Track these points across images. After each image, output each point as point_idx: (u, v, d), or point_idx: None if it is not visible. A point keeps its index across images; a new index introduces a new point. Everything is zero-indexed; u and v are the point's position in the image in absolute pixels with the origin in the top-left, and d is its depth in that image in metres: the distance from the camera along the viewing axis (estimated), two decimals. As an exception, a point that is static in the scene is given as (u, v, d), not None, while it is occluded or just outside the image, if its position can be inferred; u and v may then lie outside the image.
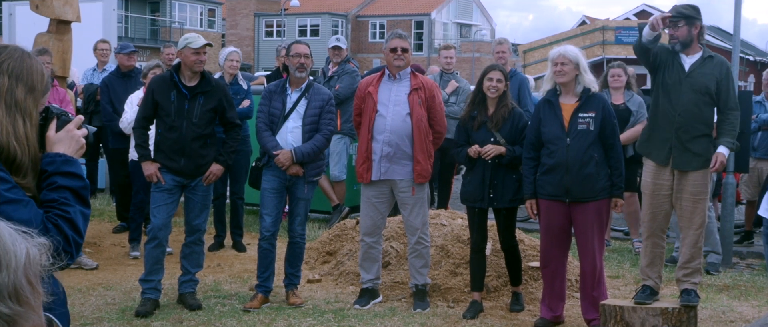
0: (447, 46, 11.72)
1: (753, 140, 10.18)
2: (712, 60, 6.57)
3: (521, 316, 7.40)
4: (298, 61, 7.52)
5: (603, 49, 33.68)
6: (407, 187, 7.46)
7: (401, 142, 7.40)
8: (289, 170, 7.45)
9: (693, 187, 6.52)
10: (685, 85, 6.57)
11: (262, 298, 7.59)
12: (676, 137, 6.60)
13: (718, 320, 7.42)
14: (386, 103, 7.45)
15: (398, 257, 8.34)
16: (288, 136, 7.51)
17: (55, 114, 2.83)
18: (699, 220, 6.55)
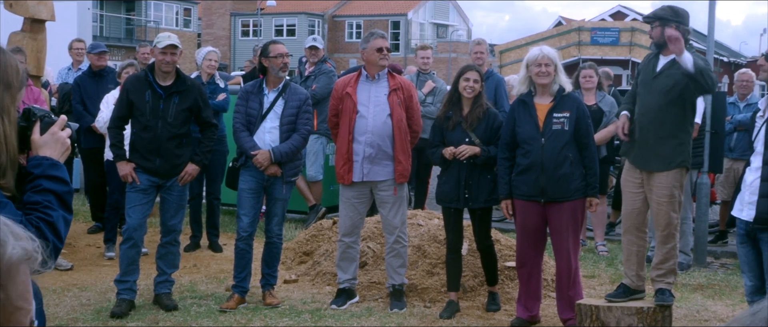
0: (424, 47, 11.74)
1: (729, 141, 10.26)
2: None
3: (497, 316, 7.42)
4: (282, 61, 7.50)
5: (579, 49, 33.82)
6: (389, 187, 7.48)
7: (382, 142, 7.41)
8: (267, 170, 7.43)
9: (658, 188, 6.51)
10: (652, 86, 6.59)
11: (238, 298, 7.57)
12: (641, 137, 6.63)
13: (692, 319, 7.47)
14: (366, 104, 7.44)
15: (375, 257, 8.34)
16: (266, 137, 7.49)
17: (37, 116, 2.81)
18: (663, 222, 6.54)
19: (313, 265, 8.73)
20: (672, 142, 6.44)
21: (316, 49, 11.14)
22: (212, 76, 10.01)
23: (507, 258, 8.17)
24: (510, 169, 6.94)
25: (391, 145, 7.43)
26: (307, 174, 10.96)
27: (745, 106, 10.59)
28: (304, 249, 9.18)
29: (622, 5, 49.15)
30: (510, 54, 34.09)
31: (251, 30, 61.56)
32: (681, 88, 6.39)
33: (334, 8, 64.23)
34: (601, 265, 9.48)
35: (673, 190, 6.48)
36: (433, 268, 8.04)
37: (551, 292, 7.75)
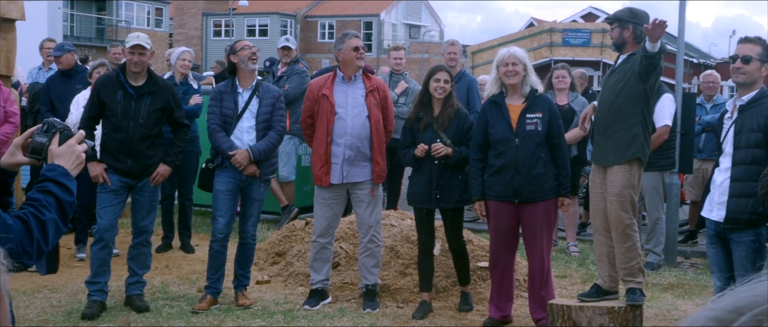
0: (396, 47, 11.75)
1: (697, 142, 10.35)
2: (634, 56, 6.54)
3: (470, 316, 7.44)
4: (250, 51, 7.52)
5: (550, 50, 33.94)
6: (366, 188, 7.50)
7: (361, 144, 7.43)
8: (246, 170, 7.42)
9: (613, 186, 6.53)
10: (606, 83, 6.67)
11: (210, 299, 7.55)
12: (597, 133, 6.70)
13: (663, 318, 7.53)
14: (344, 106, 7.44)
15: (348, 258, 8.34)
16: (244, 136, 7.48)
17: (58, 129, 2.96)
18: (615, 221, 6.55)
19: (286, 266, 8.72)
20: (625, 135, 6.46)
21: (289, 50, 11.13)
22: (186, 76, 9.97)
23: (479, 258, 8.20)
24: (482, 170, 6.97)
25: (369, 147, 7.45)
26: (280, 175, 10.94)
27: (712, 107, 10.69)
28: (277, 250, 9.17)
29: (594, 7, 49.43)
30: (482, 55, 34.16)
31: (223, 30, 61.36)
32: (627, 81, 6.45)
33: (306, 8, 64.13)
34: (573, 265, 9.54)
35: (623, 189, 6.49)
36: (405, 268, 8.06)
37: (523, 292, 7.78)
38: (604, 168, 6.61)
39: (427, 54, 55.45)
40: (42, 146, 2.94)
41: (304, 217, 10.41)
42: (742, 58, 5.73)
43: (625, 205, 6.49)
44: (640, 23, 6.57)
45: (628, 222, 6.52)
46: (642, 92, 6.48)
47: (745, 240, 5.64)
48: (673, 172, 9.73)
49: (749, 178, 5.59)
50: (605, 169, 6.59)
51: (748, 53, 5.73)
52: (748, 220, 5.61)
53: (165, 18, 56.73)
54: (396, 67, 11.34)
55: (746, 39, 5.87)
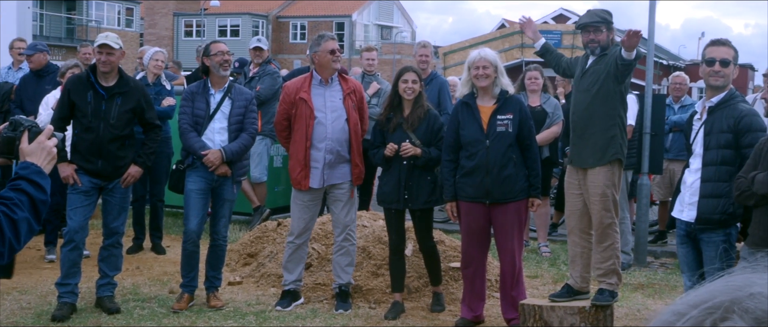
0: (369, 48, 11.76)
1: (665, 142, 10.43)
2: (605, 56, 6.59)
3: (442, 317, 7.46)
4: (222, 58, 7.48)
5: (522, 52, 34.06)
6: (345, 188, 7.51)
7: (341, 148, 7.44)
8: (217, 170, 7.40)
9: (591, 186, 6.58)
10: (580, 85, 6.70)
11: (188, 297, 7.59)
12: (574, 135, 6.73)
13: (633, 318, 7.59)
14: (323, 110, 7.43)
15: (320, 259, 8.34)
16: (215, 137, 7.47)
17: (25, 126, 2.95)
18: (597, 220, 6.61)
19: (258, 267, 8.71)
20: (603, 136, 6.51)
21: (261, 50, 11.11)
22: (158, 77, 9.93)
23: (451, 259, 8.22)
24: (454, 171, 6.99)
25: (348, 149, 7.46)
26: (252, 175, 10.92)
27: (680, 108, 10.79)
28: (249, 251, 9.15)
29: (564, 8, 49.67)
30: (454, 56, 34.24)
31: (194, 30, 61.08)
32: (602, 83, 6.49)
33: (278, 9, 63.98)
34: (544, 266, 9.59)
35: (605, 188, 6.54)
36: (378, 269, 8.07)
37: (495, 293, 7.81)
38: (583, 169, 6.64)
39: (399, 55, 55.46)
40: (11, 144, 2.91)
41: (276, 218, 10.39)
42: (721, 61, 5.78)
43: (607, 204, 6.55)
44: (611, 24, 6.66)
45: (609, 221, 6.57)
46: (618, 93, 6.54)
47: (715, 240, 5.69)
48: (643, 172, 9.80)
49: (719, 179, 5.65)
50: (584, 171, 6.62)
51: (726, 57, 5.78)
52: (718, 220, 5.66)
53: (136, 18, 56.39)
54: (368, 68, 11.34)
55: (719, 42, 5.91)
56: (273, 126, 10.36)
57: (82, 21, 51.56)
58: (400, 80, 7.32)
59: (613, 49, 6.60)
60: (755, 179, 5.19)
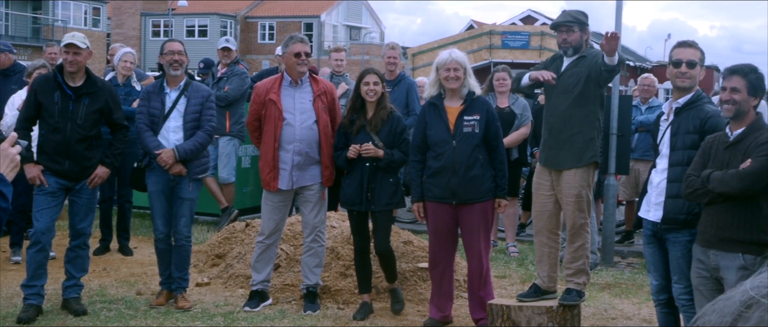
0: (337, 49, 11.78)
1: (631, 142, 10.50)
2: (584, 59, 6.62)
3: (410, 317, 7.47)
4: (172, 58, 7.47)
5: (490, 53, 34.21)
6: (315, 190, 7.51)
7: (310, 150, 7.43)
8: (172, 170, 7.38)
9: (566, 187, 6.62)
10: (557, 87, 6.71)
11: (167, 294, 7.63)
12: (550, 137, 6.76)
13: (600, 317, 7.64)
14: (292, 112, 7.42)
15: (288, 260, 8.33)
16: (170, 136, 7.46)
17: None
18: (570, 221, 6.67)
19: (226, 268, 8.68)
20: (580, 139, 6.55)
21: (229, 51, 11.08)
22: (128, 78, 9.87)
23: (420, 259, 8.24)
24: (421, 171, 7.01)
25: (318, 151, 7.45)
26: (220, 176, 10.89)
27: (647, 109, 10.89)
28: (217, 252, 9.12)
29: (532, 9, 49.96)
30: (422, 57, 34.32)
31: (162, 30, 60.75)
32: (583, 86, 6.52)
33: (246, 9, 63.79)
34: (512, 266, 9.63)
35: (581, 189, 6.59)
36: (346, 269, 8.07)
37: (463, 293, 7.83)
38: (557, 171, 6.67)
39: (367, 55, 55.47)
40: None
41: (245, 219, 10.36)
42: (688, 62, 5.83)
43: (582, 205, 6.59)
44: (586, 25, 6.68)
45: (582, 222, 6.62)
46: (598, 96, 6.57)
47: (681, 240, 5.73)
48: (610, 173, 9.87)
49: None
50: (559, 172, 6.65)
51: (693, 58, 5.84)
52: (684, 220, 5.70)
53: (103, 18, 56.00)
54: (337, 69, 11.35)
55: (685, 43, 5.97)
56: (241, 127, 10.37)
57: (48, 20, 51.14)
58: (362, 82, 7.32)
59: (591, 51, 6.64)
60: (711, 177, 5.23)
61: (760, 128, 5.27)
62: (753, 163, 5.12)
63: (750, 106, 5.33)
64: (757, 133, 5.23)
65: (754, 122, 5.30)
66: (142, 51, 58.72)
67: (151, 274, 8.66)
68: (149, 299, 7.74)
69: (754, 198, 5.17)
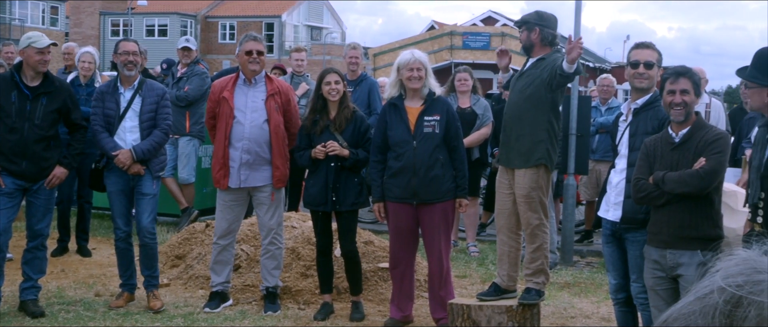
0: (298, 49, 11.76)
1: (591, 143, 10.59)
2: (543, 61, 6.63)
3: (371, 317, 7.48)
4: (126, 58, 7.42)
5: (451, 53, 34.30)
6: (267, 192, 7.46)
7: (260, 149, 7.39)
8: (130, 170, 7.33)
9: (520, 188, 6.64)
10: (515, 87, 6.75)
11: (128, 295, 7.56)
12: (504, 135, 6.80)
13: (559, 316, 7.70)
14: (243, 110, 7.39)
15: (249, 260, 8.30)
16: (127, 136, 7.40)
17: None
18: (524, 222, 6.70)
19: (186, 269, 8.63)
20: (529, 140, 6.56)
21: (189, 51, 11.02)
22: (90, 78, 9.78)
23: (380, 259, 8.25)
24: (382, 172, 7.02)
25: (269, 151, 7.42)
26: (180, 176, 10.83)
27: (606, 110, 10.98)
28: (177, 252, 9.07)
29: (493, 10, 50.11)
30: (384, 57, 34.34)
31: (121, 30, 60.20)
32: (535, 87, 6.55)
33: (207, 9, 63.44)
34: (473, 265, 9.66)
35: (531, 191, 6.59)
36: (307, 270, 8.06)
37: (424, 293, 7.85)
38: (511, 170, 6.70)
39: (328, 56, 55.40)
40: None
41: (204, 219, 10.32)
42: (645, 63, 5.90)
43: (533, 206, 6.60)
44: (547, 26, 6.68)
45: (536, 222, 6.63)
46: (549, 100, 6.57)
47: (640, 239, 5.78)
48: (569, 173, 9.94)
49: None
50: (513, 171, 6.69)
51: (650, 59, 5.90)
52: (643, 220, 5.75)
53: (61, 16, 55.41)
54: (297, 69, 11.33)
55: (643, 44, 6.03)
56: (201, 127, 10.32)
57: (5, 19, 50.48)
58: (323, 82, 7.30)
59: (553, 55, 6.66)
60: (666, 179, 5.30)
61: (703, 127, 5.40)
62: (709, 161, 5.20)
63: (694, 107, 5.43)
64: (703, 132, 5.34)
65: (697, 122, 5.40)
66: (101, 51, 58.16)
67: (110, 275, 8.60)
68: (108, 301, 7.68)
69: (707, 195, 5.28)
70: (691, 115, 5.40)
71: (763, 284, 0.94)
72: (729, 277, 0.96)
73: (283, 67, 11.82)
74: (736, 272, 0.97)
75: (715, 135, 5.31)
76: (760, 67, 5.04)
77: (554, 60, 6.50)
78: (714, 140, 5.27)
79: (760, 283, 0.94)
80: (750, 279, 0.95)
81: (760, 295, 0.93)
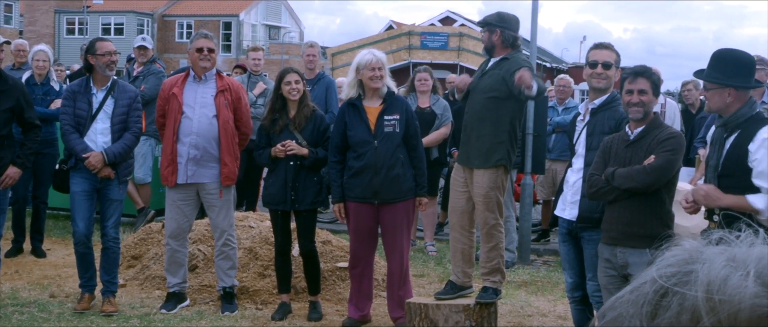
0: (255, 48, 11.71)
1: (548, 142, 10.66)
2: (506, 61, 6.67)
3: (329, 316, 7.47)
4: (109, 59, 7.31)
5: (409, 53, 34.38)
6: (214, 190, 7.40)
7: (208, 144, 7.33)
8: (100, 173, 7.23)
9: (479, 187, 6.68)
10: (477, 87, 6.79)
11: (89, 297, 7.45)
12: (464, 134, 6.83)
13: (516, 315, 7.74)
14: (192, 105, 7.35)
15: (206, 260, 8.25)
16: (98, 138, 7.29)
17: None
18: (481, 221, 6.74)
19: (142, 269, 8.57)
20: (490, 140, 6.60)
21: (145, 49, 10.94)
22: (46, 76, 9.67)
23: (339, 259, 8.24)
24: (342, 172, 7.02)
25: (217, 147, 7.37)
26: (136, 176, 10.74)
27: (563, 110, 11.06)
28: (133, 253, 9.00)
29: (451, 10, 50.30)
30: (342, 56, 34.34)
31: (77, 28, 59.55)
32: (498, 90, 6.60)
33: (163, 7, 62.94)
34: (431, 265, 9.69)
35: (489, 190, 6.64)
36: (264, 270, 8.03)
37: (382, 292, 7.86)
38: (470, 169, 6.72)
39: (286, 55, 55.23)
40: None
41: (161, 219, 10.23)
42: (604, 64, 5.95)
43: (490, 205, 6.64)
44: (508, 28, 6.72)
45: (492, 222, 6.67)
46: (512, 103, 6.62)
47: (596, 238, 5.82)
48: (526, 172, 10.00)
49: None
50: (471, 170, 6.71)
51: (608, 60, 5.96)
52: (598, 219, 5.79)
53: (15, 15, 54.72)
54: (254, 68, 11.30)
55: (601, 45, 6.10)
56: (158, 126, 10.22)
57: (-43, 17, 49.77)
58: (283, 82, 7.28)
59: (516, 56, 6.70)
60: (615, 174, 5.35)
61: (659, 126, 5.46)
62: (657, 158, 5.27)
63: (652, 107, 5.48)
64: (657, 131, 5.40)
65: (653, 121, 5.47)
66: (56, 49, 57.51)
67: (65, 276, 8.51)
68: (63, 302, 7.60)
69: (656, 193, 5.33)
70: (649, 114, 5.45)
71: (691, 276, 0.95)
72: (662, 268, 0.98)
73: (245, 67, 11.78)
74: (670, 263, 0.98)
75: (668, 134, 5.38)
76: (719, 68, 5.10)
77: (517, 62, 6.56)
78: (666, 138, 5.33)
79: (689, 274, 0.95)
80: (681, 270, 0.96)
81: (685, 286, 0.94)
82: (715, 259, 0.95)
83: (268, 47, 55.67)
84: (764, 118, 5.13)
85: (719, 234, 1.01)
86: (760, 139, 4.94)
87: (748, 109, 5.06)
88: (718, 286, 0.92)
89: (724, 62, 5.11)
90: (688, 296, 0.93)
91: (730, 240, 1.00)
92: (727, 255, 0.96)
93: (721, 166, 5.09)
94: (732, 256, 0.96)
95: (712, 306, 0.92)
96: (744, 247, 0.98)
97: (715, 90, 5.10)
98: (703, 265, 0.95)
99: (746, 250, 0.97)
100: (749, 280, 0.92)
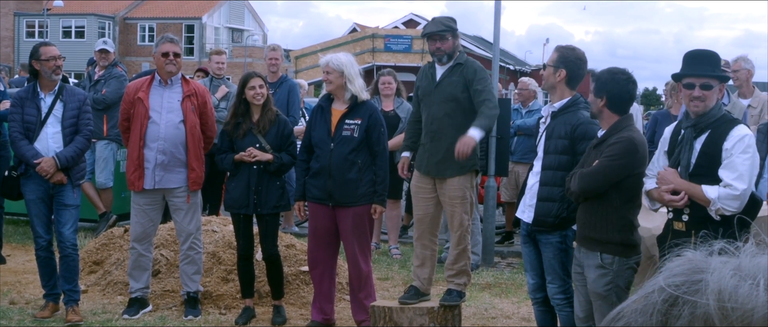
0: (218, 51, 11.66)
1: (510, 145, 10.69)
2: (461, 66, 6.71)
3: (293, 320, 7.46)
4: (55, 63, 7.22)
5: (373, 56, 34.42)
6: (182, 194, 7.36)
7: (175, 150, 7.29)
8: (53, 178, 7.14)
9: (450, 190, 6.72)
10: (435, 95, 6.78)
11: (53, 305, 7.35)
12: (431, 144, 6.82)
13: (480, 317, 7.77)
14: (159, 110, 7.30)
15: (169, 265, 8.20)
16: (49, 143, 7.19)
17: None
18: (456, 223, 6.77)
19: (104, 275, 8.49)
20: None
21: (107, 53, 10.85)
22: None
23: (302, 263, 8.22)
24: (306, 171, 7.04)
25: (185, 152, 7.33)
26: (97, 181, 10.66)
27: (527, 112, 11.11)
28: (95, 258, 8.91)
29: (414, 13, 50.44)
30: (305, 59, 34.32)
31: (37, 31, 58.91)
32: (460, 96, 6.63)
33: (125, 10, 62.47)
34: (395, 268, 9.69)
35: (465, 191, 6.69)
36: (228, 274, 7.99)
37: (347, 295, 7.85)
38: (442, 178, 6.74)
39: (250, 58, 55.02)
40: None
41: (123, 224, 10.16)
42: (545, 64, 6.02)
43: (466, 206, 6.70)
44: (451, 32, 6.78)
45: (467, 223, 6.73)
46: (472, 107, 6.66)
47: (552, 241, 5.86)
48: (490, 175, 10.03)
49: (554, 183, 5.79)
50: (442, 179, 6.73)
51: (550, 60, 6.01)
52: (552, 224, 5.83)
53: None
54: (217, 72, 11.24)
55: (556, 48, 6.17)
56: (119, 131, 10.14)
57: None
58: (247, 87, 7.25)
59: (466, 59, 6.75)
60: (573, 175, 5.39)
61: (617, 130, 5.37)
62: (597, 163, 5.28)
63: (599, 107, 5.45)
64: (613, 135, 5.37)
65: (614, 124, 5.42)
66: (15, 53, 56.88)
67: (25, 282, 8.42)
68: (24, 308, 7.52)
69: (605, 197, 5.32)
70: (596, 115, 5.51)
71: (700, 284, 0.96)
72: (670, 277, 0.99)
73: (207, 70, 11.71)
74: (677, 272, 0.99)
75: (615, 138, 5.31)
76: (711, 65, 5.17)
77: (471, 65, 6.68)
78: (612, 143, 5.30)
79: (698, 282, 0.96)
80: (689, 279, 0.97)
81: (695, 294, 0.95)
82: (722, 269, 0.96)
83: (231, 50, 55.48)
84: (733, 118, 5.20)
85: (720, 244, 1.02)
86: (735, 137, 4.98)
87: (717, 110, 5.12)
88: (730, 295, 0.93)
89: (708, 60, 5.19)
90: (700, 304, 0.94)
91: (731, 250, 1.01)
92: (732, 265, 0.97)
93: (694, 165, 5.11)
94: (738, 266, 0.97)
95: (725, 314, 0.92)
96: (748, 257, 0.99)
97: (714, 88, 5.13)
98: (712, 274, 0.96)
99: (751, 260, 0.98)
100: (760, 289, 0.94)
